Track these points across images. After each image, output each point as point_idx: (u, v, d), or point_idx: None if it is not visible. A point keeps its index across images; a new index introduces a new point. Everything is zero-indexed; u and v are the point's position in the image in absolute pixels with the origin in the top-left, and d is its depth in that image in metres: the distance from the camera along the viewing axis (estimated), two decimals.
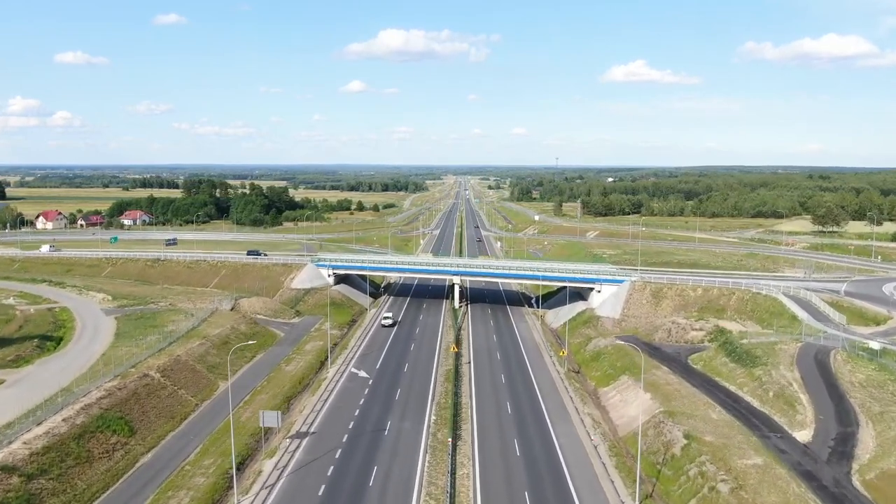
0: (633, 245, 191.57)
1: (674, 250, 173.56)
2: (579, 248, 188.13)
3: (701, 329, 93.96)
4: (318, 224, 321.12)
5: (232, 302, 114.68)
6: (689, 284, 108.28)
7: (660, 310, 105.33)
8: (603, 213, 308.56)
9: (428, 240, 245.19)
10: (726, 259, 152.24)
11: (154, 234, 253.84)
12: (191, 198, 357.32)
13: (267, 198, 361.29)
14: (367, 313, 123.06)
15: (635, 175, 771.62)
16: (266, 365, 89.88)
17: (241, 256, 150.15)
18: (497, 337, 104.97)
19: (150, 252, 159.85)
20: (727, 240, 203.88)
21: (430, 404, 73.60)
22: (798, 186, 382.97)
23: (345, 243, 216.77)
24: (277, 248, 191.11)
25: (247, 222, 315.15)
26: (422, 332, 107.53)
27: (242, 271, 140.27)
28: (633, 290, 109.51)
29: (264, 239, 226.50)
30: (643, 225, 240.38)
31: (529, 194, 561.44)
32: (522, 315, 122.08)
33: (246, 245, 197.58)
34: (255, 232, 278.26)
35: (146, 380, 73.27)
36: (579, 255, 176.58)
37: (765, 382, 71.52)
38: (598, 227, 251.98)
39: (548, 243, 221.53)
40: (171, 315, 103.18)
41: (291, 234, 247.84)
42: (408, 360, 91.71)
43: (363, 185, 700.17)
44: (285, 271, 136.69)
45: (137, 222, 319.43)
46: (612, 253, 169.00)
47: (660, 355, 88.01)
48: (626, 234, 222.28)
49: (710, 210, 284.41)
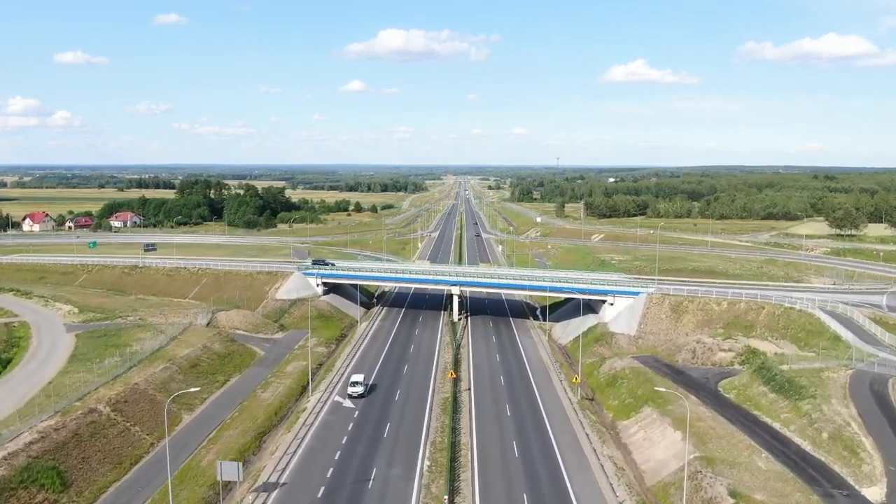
0: (642, 250, 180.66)
1: (686, 255, 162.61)
2: (585, 253, 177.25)
3: (730, 350, 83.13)
4: (314, 226, 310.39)
5: (208, 316, 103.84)
6: (712, 297, 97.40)
7: (680, 326, 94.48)
8: (607, 215, 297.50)
9: (426, 243, 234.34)
10: (745, 266, 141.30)
11: (141, 237, 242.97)
12: (184, 199, 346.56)
13: (262, 199, 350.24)
14: (358, 327, 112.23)
15: (636, 175, 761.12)
16: (240, 391, 79.07)
17: (223, 263, 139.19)
18: (500, 356, 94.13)
19: (128, 258, 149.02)
20: (741, 244, 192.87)
21: (424, 444, 62.78)
22: (805, 187, 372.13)
23: (339, 247, 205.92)
24: (266, 252, 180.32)
25: (240, 224, 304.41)
26: (417, 351, 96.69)
27: (225, 280, 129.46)
28: (650, 304, 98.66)
29: (254, 242, 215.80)
30: (650, 228, 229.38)
31: (530, 195, 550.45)
32: (527, 329, 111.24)
33: (236, 249, 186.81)
34: (248, 234, 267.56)
35: (92, 416, 62.43)
36: (586, 261, 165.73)
37: (815, 420, 60.66)
38: (602, 230, 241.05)
39: (551, 247, 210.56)
40: (138, 332, 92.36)
41: (284, 237, 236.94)
42: (400, 384, 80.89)
43: (362, 186, 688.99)
44: (270, 280, 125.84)
45: (128, 224, 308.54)
46: (620, 259, 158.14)
47: (685, 381, 77.18)
48: (634, 238, 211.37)
49: (719, 211, 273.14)
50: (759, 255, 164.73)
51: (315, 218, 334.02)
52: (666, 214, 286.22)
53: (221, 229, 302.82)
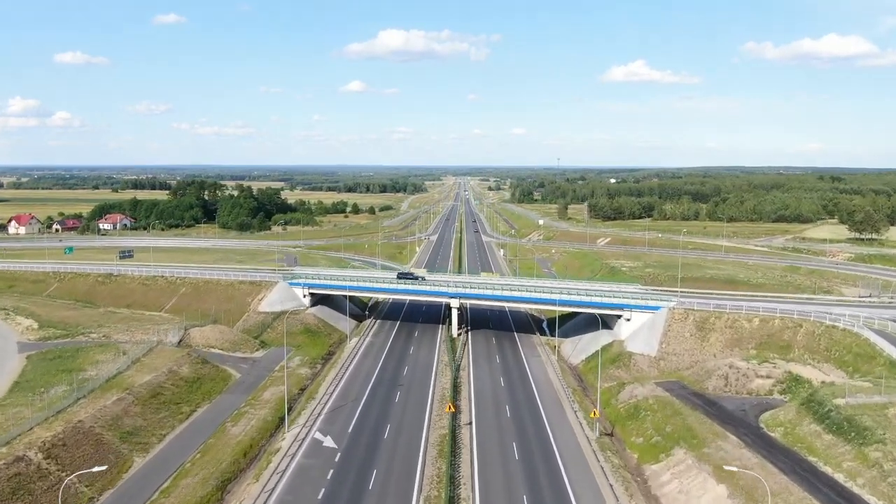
0: (653, 255, 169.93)
1: (700, 262, 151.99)
2: (593, 258, 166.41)
3: (768, 376, 72.44)
4: (309, 228, 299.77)
5: (180, 333, 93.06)
6: (741, 313, 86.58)
7: (707, 346, 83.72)
8: (611, 217, 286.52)
9: (425, 247, 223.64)
10: (766, 274, 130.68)
11: (127, 240, 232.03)
12: (176, 200, 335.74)
13: (256, 200, 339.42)
14: (348, 344, 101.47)
15: (636, 176, 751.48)
16: (206, 425, 68.32)
17: (203, 272, 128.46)
18: (505, 380, 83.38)
19: (103, 265, 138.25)
20: (756, 248, 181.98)
21: (417, 499, 52.08)
22: (813, 188, 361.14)
23: (332, 251, 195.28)
24: (255, 257, 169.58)
25: (233, 226, 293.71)
26: (411, 373, 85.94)
27: (205, 290, 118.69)
28: (671, 320, 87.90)
29: (244, 245, 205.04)
30: (659, 231, 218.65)
31: (531, 196, 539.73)
32: (533, 346, 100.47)
33: (224, 254, 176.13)
34: (240, 237, 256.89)
35: (18, 467, 51.69)
36: (594, 268, 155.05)
37: (889, 472, 49.97)
38: (608, 233, 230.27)
39: (555, 251, 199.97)
40: (97, 353, 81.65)
41: (275, 241, 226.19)
42: (391, 417, 70.13)
43: (361, 187, 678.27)
44: (253, 291, 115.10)
45: (117, 227, 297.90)
46: (631, 265, 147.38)
47: (720, 414, 66.48)
48: (642, 242, 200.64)
49: (727, 213, 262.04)
50: (778, 262, 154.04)
51: (311, 220, 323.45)
52: (672, 216, 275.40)
53: (214, 232, 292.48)
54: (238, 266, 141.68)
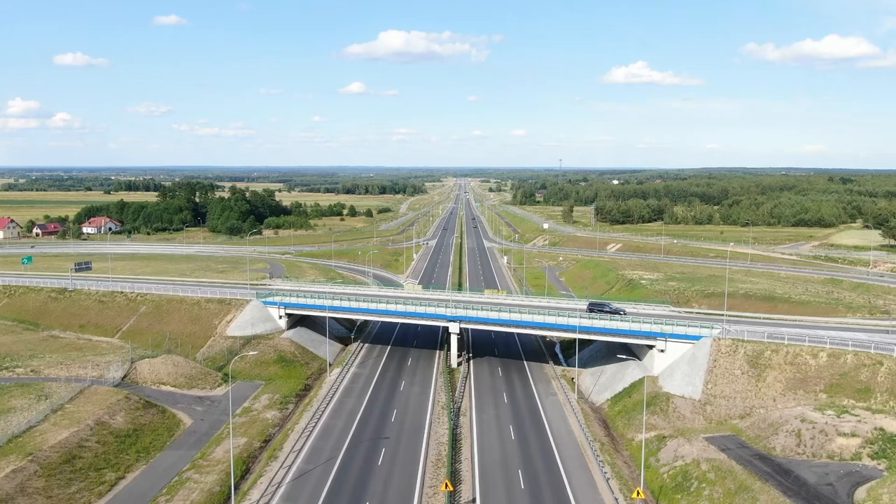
0: (672, 265, 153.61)
1: (725, 273, 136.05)
2: (606, 268, 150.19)
3: (853, 433, 56.38)
4: (302, 232, 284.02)
5: (125, 366, 77.11)
6: (804, 345, 70.49)
7: (764, 387, 67.65)
8: (619, 221, 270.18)
9: (423, 253, 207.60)
10: (808, 290, 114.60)
11: (105, 246, 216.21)
12: (165, 203, 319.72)
13: (248, 203, 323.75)
14: (327, 377, 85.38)
15: (638, 177, 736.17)
16: (132, 502, 52.31)
17: (169, 287, 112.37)
18: (516, 431, 67.33)
19: (61, 279, 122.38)
20: (784, 257, 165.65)
21: None
22: (826, 190, 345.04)
23: (323, 259, 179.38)
24: (238, 266, 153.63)
25: (223, 230, 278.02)
26: (400, 420, 69.92)
27: (167, 309, 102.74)
28: (717, 353, 71.83)
29: (230, 252, 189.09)
30: (672, 237, 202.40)
31: (533, 197, 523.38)
32: (547, 379, 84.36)
33: (205, 263, 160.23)
34: (229, 242, 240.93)
35: None
36: (608, 279, 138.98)
37: None
38: (618, 238, 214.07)
39: (563, 259, 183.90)
40: (14, 396, 65.76)
41: (263, 247, 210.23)
42: (370, 489, 54.10)
43: (359, 188, 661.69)
44: (222, 310, 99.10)
45: (102, 230, 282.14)
46: (651, 277, 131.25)
47: (799, 490, 50.48)
48: (656, 249, 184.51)
49: (743, 217, 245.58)
50: (813, 273, 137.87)
51: (304, 223, 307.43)
52: (684, 220, 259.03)
53: (203, 236, 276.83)
54: (210, 280, 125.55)
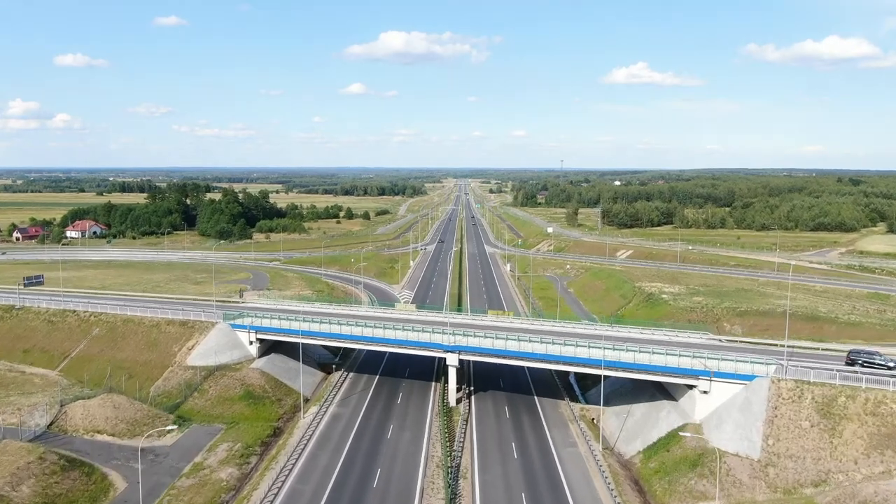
0: (692, 274, 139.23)
1: (755, 285, 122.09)
2: (619, 279, 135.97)
3: None
4: (296, 236, 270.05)
5: (53, 411, 63.08)
6: (888, 391, 56.33)
7: (841, 444, 53.53)
8: (627, 224, 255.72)
9: (420, 260, 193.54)
10: (854, 307, 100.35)
11: (83, 252, 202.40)
12: (153, 205, 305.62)
13: (241, 205, 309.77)
14: (303, 418, 71.19)
15: (639, 178, 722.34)
16: None
17: (127, 306, 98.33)
18: (528, 492, 53.21)
19: (7, 295, 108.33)
20: (814, 266, 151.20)
21: None
22: (838, 192, 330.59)
23: (312, 266, 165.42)
24: (220, 275, 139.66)
25: (212, 234, 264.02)
26: (385, 482, 55.84)
27: (123, 331, 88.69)
28: (777, 398, 57.68)
29: (213, 260, 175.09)
30: (687, 242, 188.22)
31: (534, 199, 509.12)
32: (564, 422, 70.18)
33: (182, 272, 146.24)
34: (217, 248, 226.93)
35: None
36: (623, 292, 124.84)
37: None
38: (628, 244, 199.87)
39: (570, 267, 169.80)
40: None
41: (251, 253, 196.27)
42: None
43: (358, 189, 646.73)
44: (184, 335, 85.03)
45: (87, 234, 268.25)
46: (672, 291, 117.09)
47: None
48: (671, 256, 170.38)
49: (758, 221, 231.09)
50: (851, 286, 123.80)
51: (298, 226, 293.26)
52: (695, 223, 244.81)
53: (191, 240, 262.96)
54: (177, 297, 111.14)
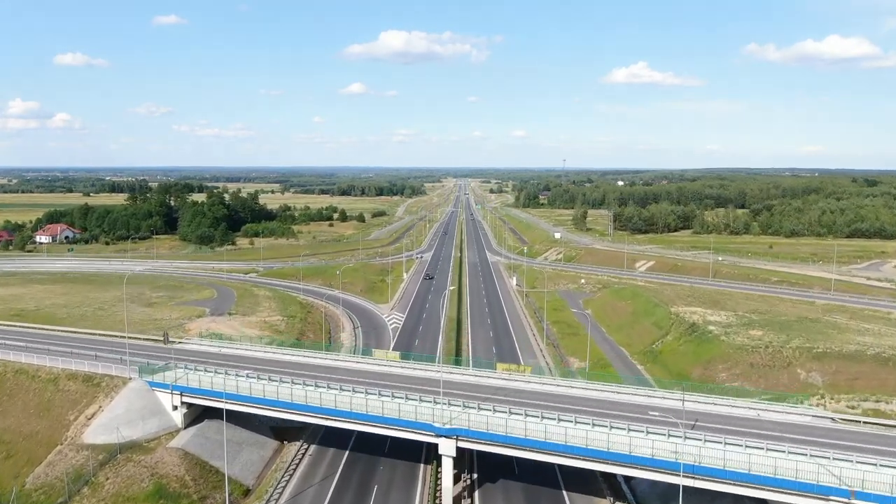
0: (734, 294, 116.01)
1: (815, 312, 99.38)
2: (648, 301, 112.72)
3: None
4: (283, 241, 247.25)
5: None
6: None
7: None
8: (641, 229, 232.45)
9: (414, 272, 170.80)
10: None
11: (41, 262, 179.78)
12: (133, 207, 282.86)
13: (227, 207, 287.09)
14: None
15: (641, 178, 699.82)
16: None
17: (8, 354, 75.43)
18: None
19: None
20: (877, 285, 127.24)
21: None
22: (859, 193, 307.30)
23: (287, 282, 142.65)
24: (179, 294, 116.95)
25: (193, 239, 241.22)
26: None
27: (13, 386, 65.92)
28: None
29: (181, 271, 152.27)
30: (708, 248, 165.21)
31: (536, 200, 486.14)
32: None
33: (140, 287, 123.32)
34: (194, 256, 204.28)
35: None
36: (656, 320, 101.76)
37: None
38: (647, 253, 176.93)
39: (586, 281, 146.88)
40: None
41: (226, 262, 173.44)
42: None
43: (355, 190, 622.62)
44: (87, 394, 62.20)
45: (58, 238, 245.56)
46: (719, 320, 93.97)
47: None
48: (699, 269, 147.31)
49: (786, 226, 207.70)
50: None
51: (286, 230, 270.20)
52: (716, 228, 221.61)
53: (170, 245, 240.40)
54: (107, 333, 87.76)
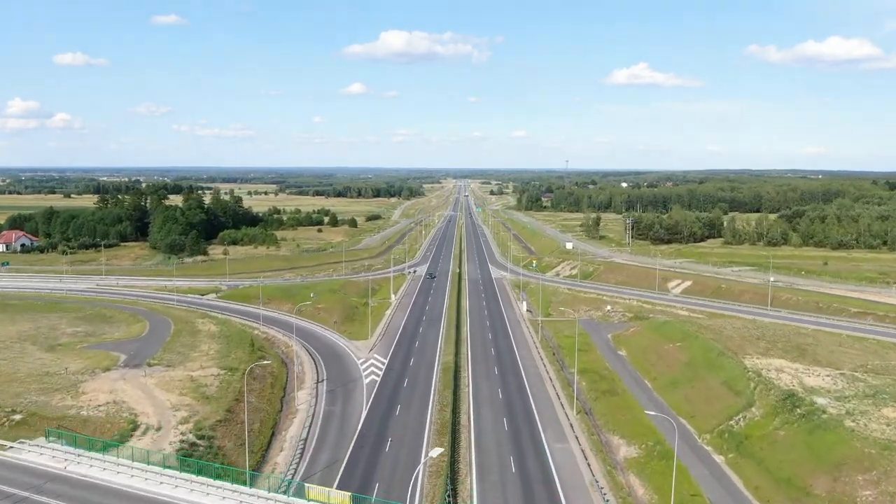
0: (818, 337, 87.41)
1: None
2: (705, 346, 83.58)
3: None
4: (263, 251, 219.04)
5: None
6: None
7: None
8: (664, 238, 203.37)
9: (405, 293, 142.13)
10: None
11: None
12: (102, 211, 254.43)
13: (205, 211, 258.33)
14: None
15: (644, 179, 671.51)
16: None
17: None
18: None
19: None
20: None
21: None
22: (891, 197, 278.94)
23: (256, 303, 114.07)
24: (103, 326, 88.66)
25: (162, 247, 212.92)
26: None
27: None
28: None
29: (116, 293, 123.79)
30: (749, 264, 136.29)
31: (539, 202, 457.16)
32: None
33: (55, 320, 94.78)
34: (156, 271, 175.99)
35: None
36: (728, 378, 72.88)
37: None
38: (679, 270, 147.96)
39: (612, 308, 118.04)
40: None
41: (182, 280, 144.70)
42: None
43: (352, 191, 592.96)
44: None
45: (12, 247, 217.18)
46: (822, 384, 65.61)
47: None
48: (749, 293, 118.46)
49: (833, 237, 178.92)
50: None
51: (268, 237, 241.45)
52: (748, 238, 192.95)
53: (136, 254, 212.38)
54: None
